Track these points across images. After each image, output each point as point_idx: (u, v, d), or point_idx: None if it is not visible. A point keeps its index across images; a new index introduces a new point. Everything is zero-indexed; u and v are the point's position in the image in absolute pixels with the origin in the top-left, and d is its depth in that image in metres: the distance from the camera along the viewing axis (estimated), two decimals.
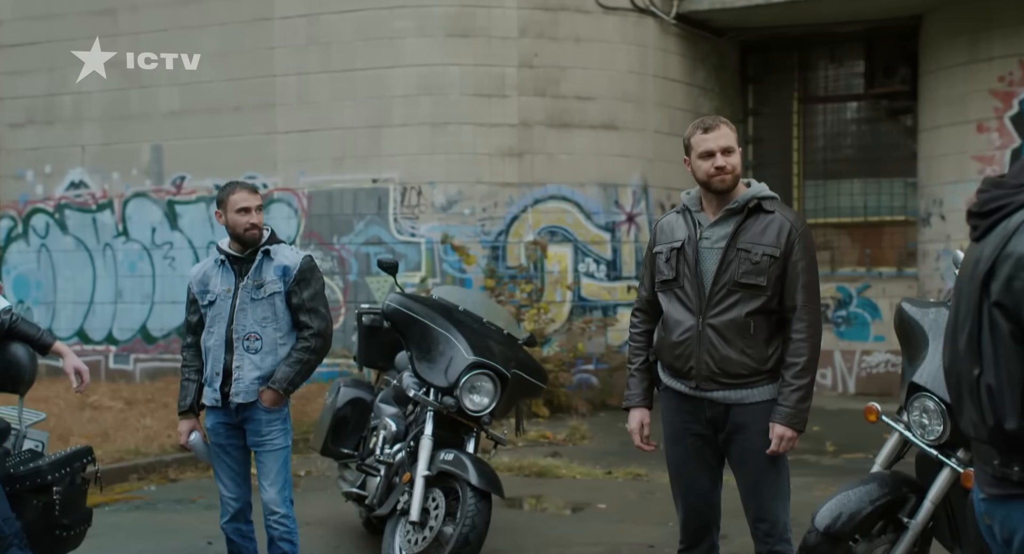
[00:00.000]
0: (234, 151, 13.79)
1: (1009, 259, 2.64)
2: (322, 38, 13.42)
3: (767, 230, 4.32)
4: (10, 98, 15.36)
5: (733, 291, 4.31)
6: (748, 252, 4.30)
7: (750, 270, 4.29)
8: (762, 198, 4.37)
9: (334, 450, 6.89)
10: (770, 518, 4.42)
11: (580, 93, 13.43)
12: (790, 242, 4.31)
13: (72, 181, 14.85)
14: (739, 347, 4.30)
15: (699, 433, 4.45)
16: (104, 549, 6.79)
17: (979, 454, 2.83)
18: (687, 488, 4.54)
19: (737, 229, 4.33)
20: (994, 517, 2.80)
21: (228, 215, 5.19)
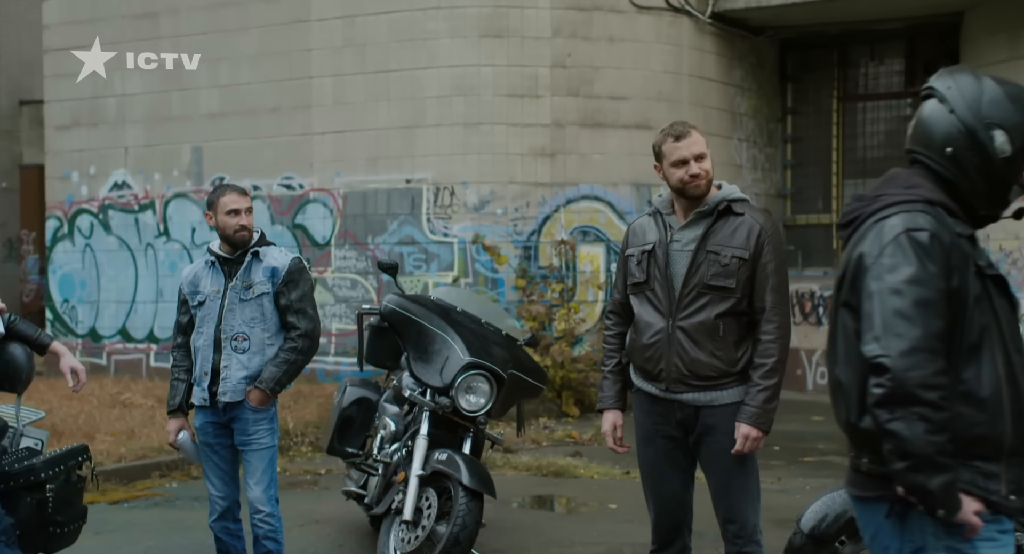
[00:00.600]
0: (271, 152, 13.96)
1: (854, 262, 2.86)
2: (357, 39, 13.54)
3: (737, 232, 4.34)
4: (56, 101, 15.69)
5: (703, 293, 4.33)
6: (717, 254, 4.32)
7: (719, 272, 4.31)
8: (732, 200, 4.39)
9: (340, 449, 6.97)
10: (739, 519, 4.44)
11: (613, 93, 13.42)
12: (760, 244, 4.33)
13: (115, 182, 15.13)
14: (708, 349, 4.32)
15: (670, 435, 4.47)
16: (114, 545, 6.94)
17: (848, 448, 3.01)
18: (658, 489, 4.57)
19: (707, 232, 4.36)
20: (856, 514, 3.02)
21: (218, 217, 5.28)
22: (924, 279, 2.73)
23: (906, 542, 2.83)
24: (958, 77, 2.93)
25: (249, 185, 13.99)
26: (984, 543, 2.79)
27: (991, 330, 2.81)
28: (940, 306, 2.73)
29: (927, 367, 2.67)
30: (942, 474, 2.66)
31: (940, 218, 2.83)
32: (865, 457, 2.87)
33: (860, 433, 2.84)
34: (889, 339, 2.68)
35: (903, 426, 2.64)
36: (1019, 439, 2.79)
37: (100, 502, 8.23)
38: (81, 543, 6.86)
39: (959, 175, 2.89)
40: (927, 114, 2.94)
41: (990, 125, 2.85)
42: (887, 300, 2.72)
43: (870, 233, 2.85)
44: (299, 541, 7.03)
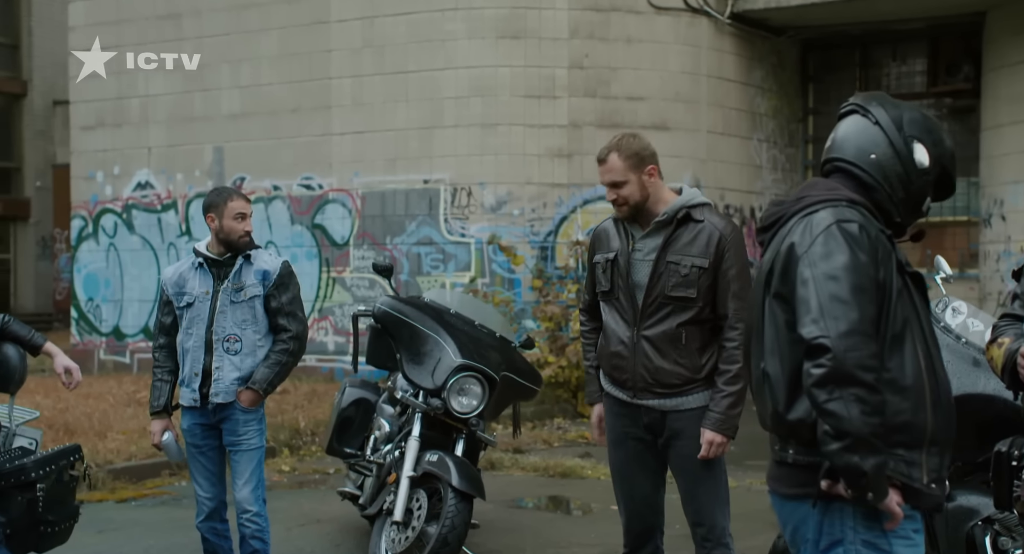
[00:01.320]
0: (291, 152, 14.06)
1: (783, 254, 2.95)
2: (376, 41, 13.61)
3: (696, 240, 4.32)
4: (82, 101, 15.87)
5: (664, 304, 4.34)
6: (677, 264, 4.32)
7: (680, 283, 4.31)
8: (692, 207, 4.37)
9: (338, 449, 7.01)
10: (707, 522, 4.46)
11: (631, 94, 13.41)
12: (720, 251, 4.32)
13: (139, 182, 15.29)
14: (672, 358, 4.34)
15: (639, 437, 4.50)
16: (114, 543, 7.02)
17: (769, 444, 3.06)
18: (629, 492, 4.58)
19: (666, 241, 4.35)
20: (776, 510, 3.09)
21: (224, 221, 5.30)
22: (857, 267, 2.82)
23: (824, 535, 2.91)
24: (878, 97, 3.10)
25: (269, 185, 14.13)
26: (899, 540, 2.88)
27: (912, 322, 2.91)
28: (872, 293, 2.83)
29: (864, 349, 2.76)
30: (876, 456, 2.74)
31: (864, 214, 2.96)
32: (791, 448, 2.94)
33: (787, 424, 2.90)
34: (828, 321, 2.76)
35: (841, 406, 2.71)
36: (938, 428, 2.89)
37: (108, 500, 8.32)
38: (83, 541, 6.98)
39: (880, 181, 3.01)
40: (849, 127, 3.08)
41: (911, 138, 3.02)
42: (824, 285, 2.81)
43: (798, 227, 2.94)
44: (298, 540, 7.09)
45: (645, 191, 4.37)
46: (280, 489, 8.81)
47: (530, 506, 8.31)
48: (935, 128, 3.09)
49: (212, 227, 5.37)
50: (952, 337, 4.68)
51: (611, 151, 4.40)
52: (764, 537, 5.46)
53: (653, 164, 4.43)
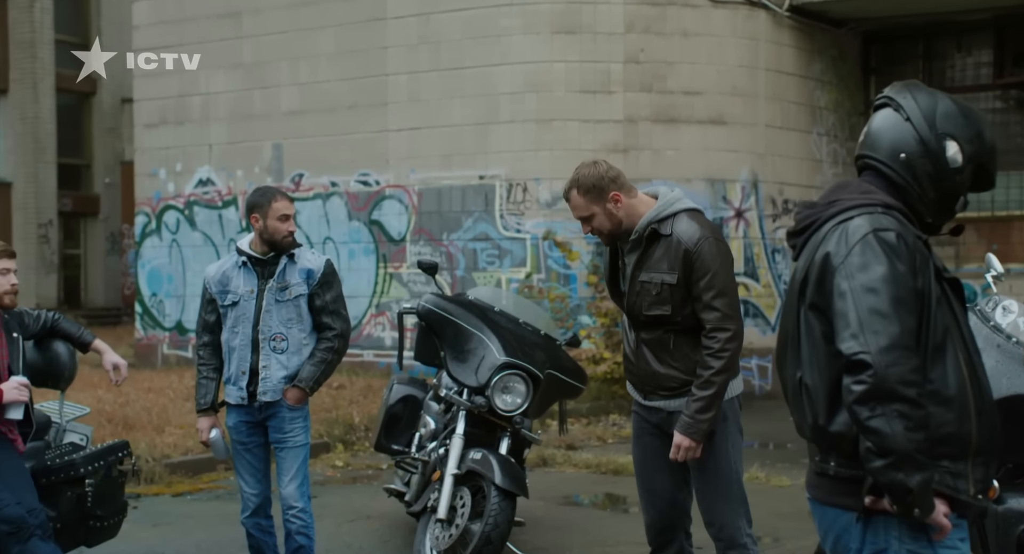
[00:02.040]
0: (348, 149, 14.16)
1: (819, 264, 2.87)
2: (432, 37, 13.66)
3: (665, 256, 4.32)
4: (146, 99, 16.11)
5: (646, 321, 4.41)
6: (649, 283, 4.34)
7: (654, 302, 4.34)
8: (660, 220, 4.34)
9: (386, 446, 7.05)
10: (717, 521, 4.45)
11: (687, 88, 13.32)
12: (687, 264, 4.28)
13: (200, 179, 15.49)
14: (667, 362, 4.39)
15: (656, 435, 4.53)
16: (167, 537, 7.12)
17: (808, 453, 3.01)
18: (648, 488, 4.60)
19: (639, 259, 4.39)
20: (815, 516, 3.03)
21: (268, 221, 5.35)
22: (896, 277, 2.75)
23: (868, 544, 2.85)
24: (914, 90, 2.98)
25: (327, 181, 14.25)
26: (946, 550, 2.82)
27: (952, 331, 2.84)
28: (912, 304, 2.76)
29: (906, 364, 2.69)
30: (921, 472, 2.68)
31: (900, 220, 2.87)
32: (832, 461, 2.88)
33: (829, 436, 2.85)
34: (867, 336, 2.69)
35: (884, 423, 2.66)
36: (983, 438, 2.82)
37: (164, 494, 8.45)
38: (137, 534, 7.11)
39: (911, 181, 2.93)
40: (881, 122, 2.98)
41: (943, 135, 2.90)
42: (862, 298, 2.74)
43: (833, 235, 2.86)
44: (346, 536, 7.15)
45: (615, 218, 4.38)
46: (333, 484, 8.90)
47: (580, 503, 8.30)
48: (973, 121, 2.96)
49: (256, 227, 5.41)
50: (1003, 337, 4.60)
51: (571, 188, 4.43)
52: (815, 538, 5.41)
53: (615, 190, 4.38)
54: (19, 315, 5.33)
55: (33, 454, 5.36)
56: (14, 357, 5.17)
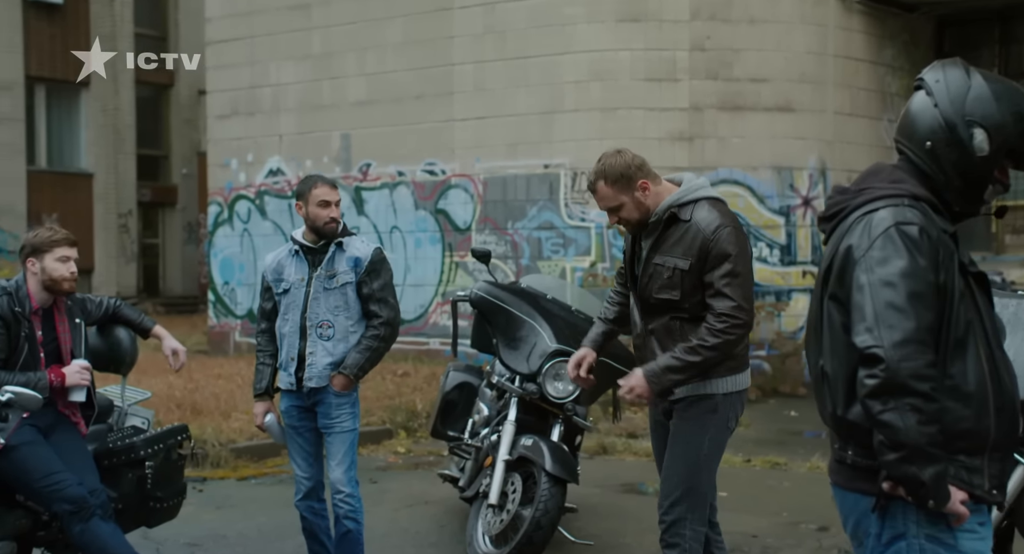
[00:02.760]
0: (415, 138, 14.28)
1: (841, 255, 2.87)
2: (497, 26, 13.71)
3: (681, 241, 4.31)
4: (218, 91, 16.38)
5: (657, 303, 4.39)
6: (662, 266, 4.33)
7: (664, 285, 4.33)
8: (681, 205, 4.32)
9: (442, 432, 7.14)
10: (665, 503, 4.47)
11: (754, 75, 13.23)
12: (702, 252, 4.26)
13: (270, 169, 15.72)
14: (670, 349, 4.36)
15: (665, 424, 4.57)
16: (229, 519, 7.28)
17: (830, 440, 3.04)
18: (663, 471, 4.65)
19: (655, 242, 4.37)
20: (837, 502, 3.03)
21: (309, 208, 5.45)
22: (915, 272, 2.74)
23: (887, 528, 2.86)
24: (948, 71, 2.91)
25: (394, 171, 14.38)
26: (965, 534, 2.82)
27: (975, 326, 2.83)
28: (930, 299, 2.75)
29: (919, 358, 2.69)
30: (934, 465, 2.68)
31: (926, 213, 2.84)
32: (850, 449, 2.89)
33: (846, 425, 2.86)
34: (882, 330, 2.70)
35: (896, 417, 2.67)
36: (1001, 434, 2.82)
37: (230, 478, 8.63)
38: (201, 517, 7.29)
39: (936, 170, 2.89)
40: (914, 106, 2.94)
41: (971, 122, 2.84)
42: (879, 292, 2.74)
43: (857, 226, 2.86)
44: (404, 520, 7.25)
45: (643, 206, 4.38)
46: (394, 470, 9.02)
47: (637, 491, 8.32)
48: (1009, 103, 2.84)
49: (300, 214, 5.52)
50: None
51: (598, 179, 4.42)
52: None
53: (643, 178, 4.38)
54: (82, 301, 5.49)
55: (96, 437, 5.51)
56: (76, 342, 5.32)
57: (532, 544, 5.75)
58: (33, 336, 5.14)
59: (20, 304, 5.11)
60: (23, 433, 5.02)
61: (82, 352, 5.32)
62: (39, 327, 5.18)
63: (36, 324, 5.17)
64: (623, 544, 6.70)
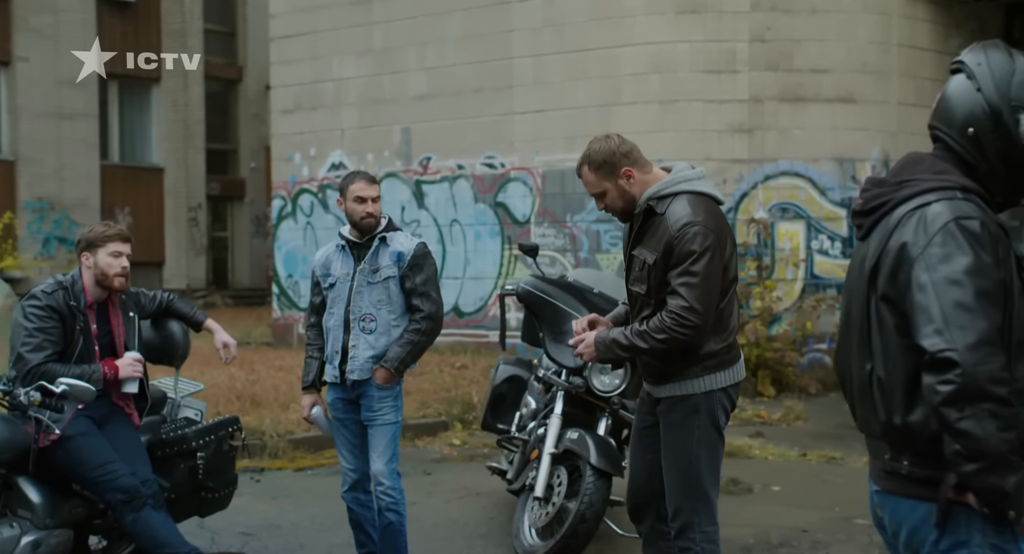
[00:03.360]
0: (474, 132, 14.34)
1: (892, 253, 2.68)
2: (556, 19, 13.73)
3: (653, 235, 4.25)
4: (281, 86, 16.58)
5: (634, 297, 4.38)
6: (637, 258, 4.31)
7: (637, 277, 4.31)
8: (659, 198, 4.26)
9: (492, 425, 7.20)
10: (672, 510, 4.41)
11: (815, 66, 13.10)
12: (667, 247, 4.18)
13: (333, 163, 15.88)
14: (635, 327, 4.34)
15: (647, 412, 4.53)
16: (284, 509, 7.40)
17: (871, 449, 2.86)
18: (631, 465, 4.66)
19: (638, 233, 4.34)
20: (884, 509, 2.84)
21: (347, 203, 5.54)
22: (981, 269, 2.57)
23: (947, 535, 2.67)
24: (991, 53, 2.75)
25: (454, 164, 14.45)
26: None
27: None
28: (997, 297, 2.58)
29: (994, 361, 2.51)
30: (1016, 474, 2.51)
31: (981, 207, 2.67)
32: (906, 460, 2.71)
33: (903, 434, 2.68)
34: (953, 332, 2.51)
35: (974, 424, 2.48)
36: None
37: (287, 468, 8.76)
38: (256, 507, 7.42)
39: (978, 158, 2.72)
40: (953, 90, 2.76)
41: (1017, 108, 2.68)
42: (945, 291, 2.55)
43: (909, 222, 2.67)
44: (454, 512, 7.32)
45: (628, 194, 4.31)
46: (449, 462, 9.09)
47: None
48: None
49: (341, 210, 5.61)
50: None
51: (582, 164, 4.36)
52: None
53: (628, 165, 4.29)
54: (136, 296, 5.63)
55: (149, 428, 5.65)
56: (130, 335, 5.45)
57: (577, 537, 5.78)
58: (88, 330, 5.27)
59: (75, 298, 5.24)
60: (78, 424, 5.16)
61: (135, 345, 5.45)
62: (94, 321, 5.31)
63: (91, 318, 5.30)
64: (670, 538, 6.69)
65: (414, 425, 9.96)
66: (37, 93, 23.80)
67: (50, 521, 5.09)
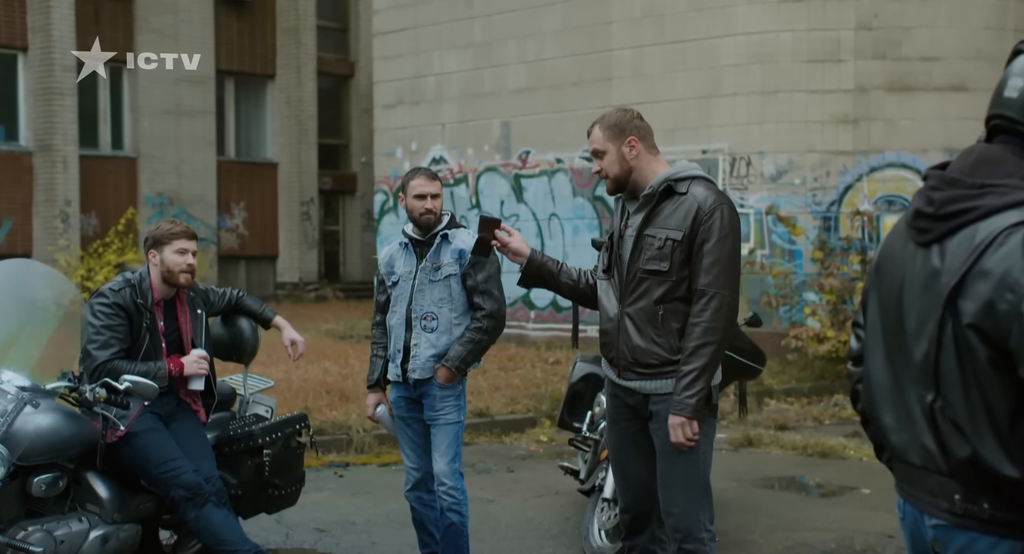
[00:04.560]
0: (573, 125, 14.21)
1: (988, 278, 2.32)
2: (656, 10, 13.53)
3: (676, 213, 4.13)
4: (384, 81, 16.68)
5: (643, 279, 4.18)
6: (653, 238, 4.14)
7: (654, 256, 4.14)
8: (677, 180, 4.16)
9: (568, 423, 7.09)
10: (676, 511, 4.19)
11: (925, 54, 12.68)
12: (696, 223, 4.08)
13: (434, 157, 15.92)
14: (649, 336, 4.16)
15: (630, 418, 4.33)
16: (362, 505, 7.41)
17: (926, 485, 2.54)
18: (623, 474, 4.42)
19: (648, 215, 4.19)
20: (950, 544, 2.54)
21: (407, 200, 5.49)
22: None
23: None
24: None
25: (553, 158, 14.36)
26: None
27: None
28: None
29: None
30: None
31: None
32: (986, 503, 2.42)
33: (988, 476, 2.39)
34: None
35: None
36: None
37: (372, 464, 8.78)
38: (335, 502, 7.46)
39: None
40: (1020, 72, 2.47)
41: None
42: None
43: (1009, 242, 2.32)
44: (530, 511, 7.24)
45: (625, 163, 4.22)
46: (533, 459, 9.02)
47: (775, 486, 8.10)
48: None
49: (403, 206, 5.56)
50: None
51: (595, 123, 4.32)
52: None
53: (635, 136, 4.22)
54: (204, 293, 5.67)
55: (218, 424, 5.69)
56: (197, 332, 5.49)
57: None
58: (155, 327, 5.32)
59: (142, 296, 5.30)
60: (144, 420, 5.21)
61: (202, 342, 5.48)
62: (161, 318, 5.37)
63: (158, 315, 5.35)
64: (748, 541, 6.52)
65: (502, 421, 9.92)
66: (157, 91, 24.40)
67: (118, 516, 5.15)
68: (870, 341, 2.69)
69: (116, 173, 24.30)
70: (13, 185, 22.85)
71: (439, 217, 5.52)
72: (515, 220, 14.82)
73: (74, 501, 5.15)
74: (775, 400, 11.13)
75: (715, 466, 4.44)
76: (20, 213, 22.88)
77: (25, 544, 4.82)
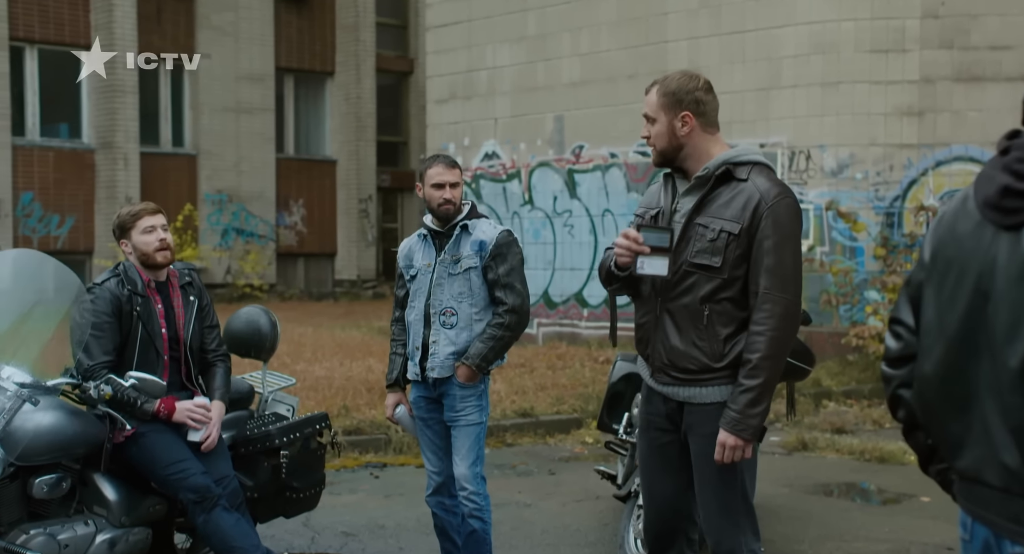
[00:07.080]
0: (628, 119, 13.83)
1: None
2: (712, 1, 13.14)
3: (733, 202, 3.70)
4: (436, 76, 16.44)
5: (689, 273, 3.74)
6: (706, 228, 3.71)
7: (705, 249, 3.71)
8: (737, 163, 3.75)
9: (607, 425, 6.78)
10: (715, 533, 3.81)
11: (994, 43, 12.16)
12: (756, 216, 3.65)
13: (486, 152, 15.65)
14: (690, 338, 3.74)
15: (662, 427, 3.92)
16: (394, 508, 7.15)
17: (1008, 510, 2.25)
18: (649, 488, 4.02)
19: (701, 201, 3.75)
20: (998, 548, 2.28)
21: (425, 189, 5.20)
22: None
23: None
24: None
25: (606, 153, 14.02)
26: None
27: None
28: None
29: None
30: None
31: None
32: None
33: None
34: None
35: None
36: None
37: (410, 465, 8.52)
38: (366, 504, 7.22)
39: None
40: None
41: None
42: None
43: None
44: (568, 516, 6.95)
45: (675, 138, 3.80)
46: (577, 461, 8.71)
47: (828, 493, 7.71)
48: None
49: (420, 195, 5.26)
50: None
51: (654, 84, 3.91)
52: None
53: (690, 111, 3.81)
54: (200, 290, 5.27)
55: (235, 424, 5.42)
56: (188, 318, 5.12)
57: None
58: (148, 312, 4.99)
59: (131, 283, 4.99)
60: None
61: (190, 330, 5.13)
62: (158, 301, 5.06)
63: (154, 298, 5.05)
64: (797, 552, 6.16)
65: (546, 421, 9.63)
66: (217, 89, 24.41)
67: (126, 519, 4.92)
68: (926, 341, 2.42)
69: (176, 170, 24.35)
70: (76, 182, 22.98)
71: (459, 207, 5.22)
72: (568, 216, 14.50)
73: (81, 503, 4.93)
74: (833, 402, 10.71)
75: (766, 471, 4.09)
76: (82, 210, 23.00)
77: (24, 548, 4.61)
